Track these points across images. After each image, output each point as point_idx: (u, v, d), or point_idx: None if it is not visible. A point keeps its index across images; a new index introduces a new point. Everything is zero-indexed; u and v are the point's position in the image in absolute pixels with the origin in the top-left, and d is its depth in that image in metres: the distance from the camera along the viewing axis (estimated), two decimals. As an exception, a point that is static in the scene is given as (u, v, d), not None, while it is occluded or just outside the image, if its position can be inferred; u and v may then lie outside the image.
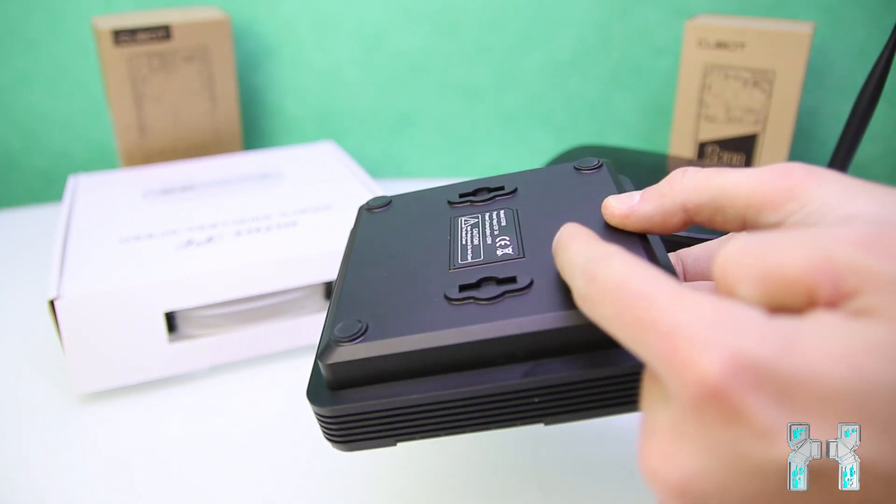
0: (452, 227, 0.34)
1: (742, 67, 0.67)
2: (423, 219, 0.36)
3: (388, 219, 0.37)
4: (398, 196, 0.40)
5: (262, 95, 0.82)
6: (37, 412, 0.47)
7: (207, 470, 0.42)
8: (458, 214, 0.36)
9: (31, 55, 0.75)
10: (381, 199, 0.39)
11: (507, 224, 0.33)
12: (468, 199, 0.37)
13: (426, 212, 0.37)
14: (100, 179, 0.63)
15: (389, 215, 0.38)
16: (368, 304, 0.29)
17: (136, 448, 0.44)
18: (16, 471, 0.42)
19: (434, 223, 0.35)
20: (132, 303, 0.46)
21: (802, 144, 0.75)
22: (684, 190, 0.27)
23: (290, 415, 0.46)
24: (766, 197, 0.24)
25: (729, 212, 0.26)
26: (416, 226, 0.36)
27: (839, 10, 0.72)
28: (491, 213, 0.35)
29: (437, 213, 0.36)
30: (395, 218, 0.37)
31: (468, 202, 0.37)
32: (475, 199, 0.36)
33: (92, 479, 0.42)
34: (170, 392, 0.48)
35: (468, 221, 0.35)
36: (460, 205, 0.37)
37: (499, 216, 0.34)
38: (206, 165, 0.66)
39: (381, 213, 0.38)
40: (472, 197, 0.37)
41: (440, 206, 0.37)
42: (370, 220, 0.38)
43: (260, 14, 0.78)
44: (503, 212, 0.34)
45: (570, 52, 0.80)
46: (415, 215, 0.37)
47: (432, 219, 0.36)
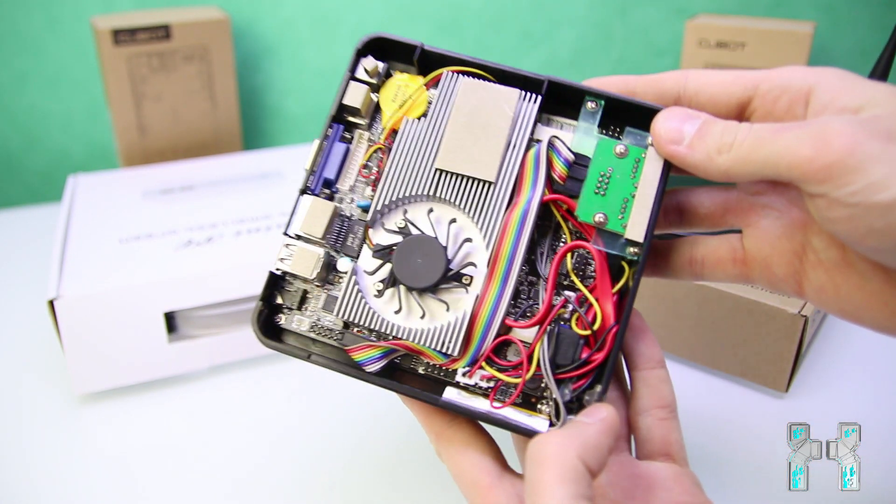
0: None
1: (742, 67, 0.67)
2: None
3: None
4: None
5: (262, 95, 0.81)
6: (37, 412, 0.47)
7: (207, 469, 0.42)
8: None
9: (31, 55, 0.75)
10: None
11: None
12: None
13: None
14: (99, 179, 0.63)
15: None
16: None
17: (136, 448, 0.44)
18: (16, 471, 0.42)
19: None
20: (132, 303, 0.46)
21: (802, 144, 0.75)
22: (734, 160, 0.27)
23: (289, 415, 0.46)
24: (809, 175, 0.25)
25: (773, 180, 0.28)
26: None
27: (839, 10, 0.72)
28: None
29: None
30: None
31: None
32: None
33: (92, 478, 0.42)
34: (170, 392, 0.48)
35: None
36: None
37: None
38: (206, 165, 0.66)
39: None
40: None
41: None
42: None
43: (260, 14, 0.78)
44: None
45: (570, 52, 0.80)
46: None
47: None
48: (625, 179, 0.30)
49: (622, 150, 0.30)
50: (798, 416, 0.38)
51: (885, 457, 0.42)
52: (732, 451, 0.44)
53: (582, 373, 0.29)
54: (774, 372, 0.47)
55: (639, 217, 0.30)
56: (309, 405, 0.47)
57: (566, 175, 0.31)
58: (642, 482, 0.29)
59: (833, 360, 0.51)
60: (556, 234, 0.32)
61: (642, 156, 0.30)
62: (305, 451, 0.43)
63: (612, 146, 0.30)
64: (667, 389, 0.31)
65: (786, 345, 0.46)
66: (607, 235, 0.30)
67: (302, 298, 0.33)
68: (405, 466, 0.42)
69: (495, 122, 0.31)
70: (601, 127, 0.32)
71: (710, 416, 0.47)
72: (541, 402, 0.30)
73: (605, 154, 0.31)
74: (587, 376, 0.29)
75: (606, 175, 0.30)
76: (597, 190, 0.30)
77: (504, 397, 0.30)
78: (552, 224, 0.32)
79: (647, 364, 0.31)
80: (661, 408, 0.31)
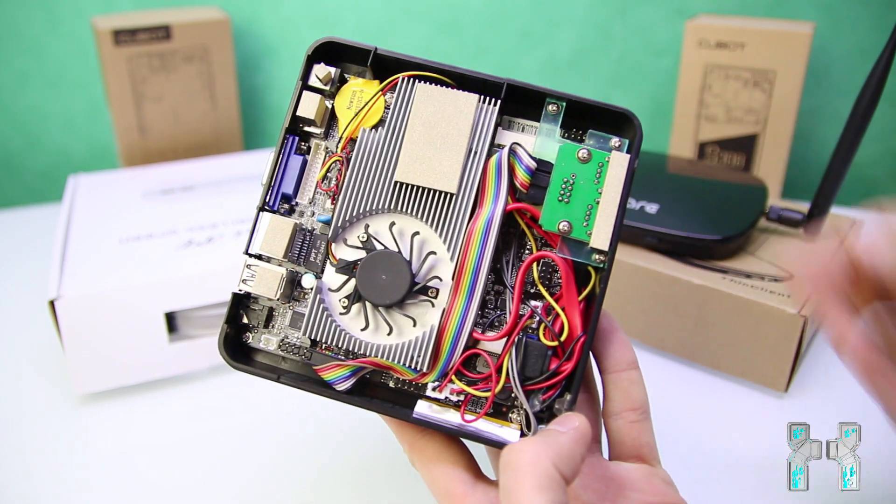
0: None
1: (742, 67, 0.67)
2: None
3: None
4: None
5: (262, 95, 0.82)
6: (37, 412, 0.47)
7: (207, 469, 0.42)
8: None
9: (32, 55, 0.75)
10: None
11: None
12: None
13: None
14: (100, 179, 0.63)
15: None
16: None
17: (136, 448, 0.44)
18: (16, 471, 0.42)
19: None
20: (132, 303, 0.46)
21: (802, 144, 0.75)
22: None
23: (289, 415, 0.46)
24: None
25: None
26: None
27: (839, 10, 0.72)
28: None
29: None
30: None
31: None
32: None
33: (92, 478, 0.42)
34: (170, 392, 0.48)
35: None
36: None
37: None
38: (206, 165, 0.66)
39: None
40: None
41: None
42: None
43: (260, 14, 0.78)
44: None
45: (570, 52, 0.80)
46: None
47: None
48: (588, 185, 0.30)
49: (585, 154, 0.30)
50: (798, 416, 0.38)
51: (885, 457, 0.42)
52: (732, 451, 0.44)
53: (551, 384, 0.29)
54: (774, 372, 0.47)
55: (603, 224, 0.30)
56: (309, 405, 0.47)
57: (529, 183, 0.30)
58: (614, 483, 0.30)
59: (833, 360, 0.51)
60: (522, 242, 0.32)
61: (606, 160, 0.30)
62: (305, 451, 0.44)
63: (575, 151, 0.30)
64: (637, 391, 0.31)
65: (785, 345, 0.46)
66: (572, 243, 0.30)
67: (268, 316, 0.32)
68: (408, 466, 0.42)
69: (454, 130, 0.30)
70: (564, 128, 0.32)
71: (709, 415, 0.47)
72: (511, 411, 0.31)
73: (568, 159, 0.30)
74: (556, 386, 0.29)
75: (570, 182, 0.30)
76: (560, 197, 0.30)
77: (475, 408, 0.31)
78: (517, 231, 0.31)
79: (618, 367, 0.31)
80: (633, 410, 0.31)
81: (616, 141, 0.31)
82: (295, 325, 0.32)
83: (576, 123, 0.32)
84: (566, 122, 0.31)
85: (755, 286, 0.48)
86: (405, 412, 0.30)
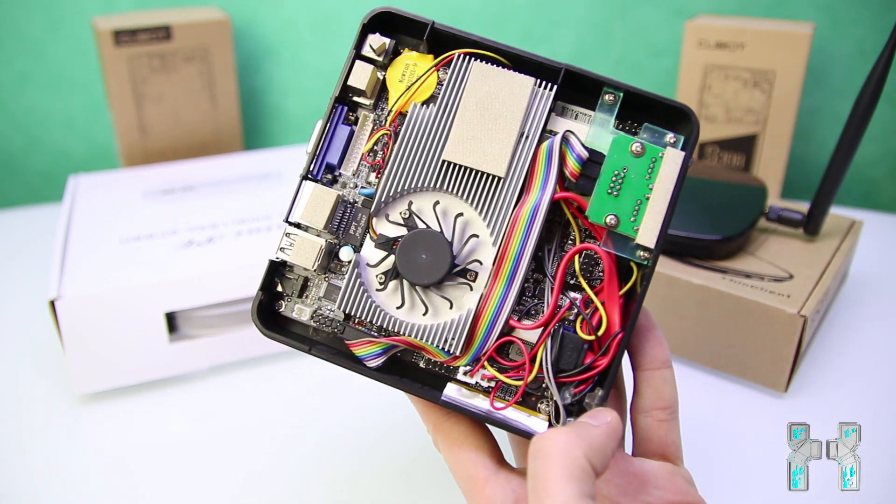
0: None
1: (742, 68, 0.67)
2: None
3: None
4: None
5: (262, 95, 0.82)
6: (37, 412, 0.47)
7: (207, 469, 0.42)
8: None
9: (32, 56, 0.75)
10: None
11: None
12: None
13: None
14: (100, 179, 0.63)
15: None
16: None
17: (137, 448, 0.44)
18: (16, 470, 0.42)
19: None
20: (133, 303, 0.46)
21: (802, 145, 0.75)
22: None
23: (289, 414, 0.46)
24: None
25: None
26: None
27: (839, 10, 0.72)
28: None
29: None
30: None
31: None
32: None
33: (92, 478, 0.42)
34: (170, 392, 0.48)
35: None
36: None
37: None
38: (207, 165, 0.66)
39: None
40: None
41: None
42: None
43: (260, 14, 0.78)
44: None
45: (570, 52, 0.80)
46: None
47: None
48: (639, 180, 0.29)
49: (638, 148, 0.29)
50: (798, 416, 0.38)
51: (885, 457, 0.42)
52: (732, 451, 0.44)
53: (584, 377, 0.29)
54: (774, 372, 0.47)
55: (651, 222, 0.29)
56: (310, 405, 0.47)
57: (579, 173, 0.30)
58: (636, 479, 0.30)
59: (832, 360, 0.51)
60: (566, 232, 0.31)
61: (659, 155, 0.29)
62: (306, 450, 0.44)
63: (629, 144, 0.29)
64: (669, 391, 0.31)
65: (785, 345, 0.46)
66: (618, 238, 0.29)
67: (303, 286, 0.32)
68: (409, 466, 0.42)
69: (507, 113, 0.30)
70: (619, 119, 0.31)
71: (709, 415, 0.47)
72: (541, 401, 0.30)
73: (621, 152, 0.29)
74: (589, 381, 0.29)
75: (620, 175, 0.29)
76: (610, 190, 0.29)
77: (505, 395, 0.30)
78: (562, 220, 0.31)
79: (652, 364, 0.31)
80: (662, 409, 0.31)
81: (671, 137, 0.30)
82: (329, 297, 0.32)
83: (631, 115, 0.31)
84: (621, 114, 0.31)
85: (755, 286, 0.48)
86: (434, 394, 0.30)
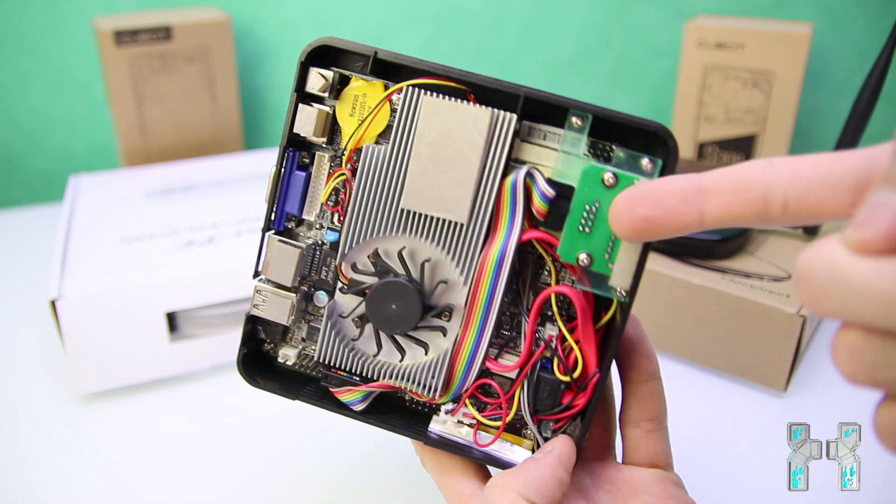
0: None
1: (741, 68, 0.67)
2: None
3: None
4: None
5: (262, 96, 0.82)
6: (38, 412, 0.47)
7: (207, 469, 0.42)
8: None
9: (33, 56, 0.75)
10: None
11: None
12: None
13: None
14: (101, 180, 0.63)
15: None
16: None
17: (137, 448, 0.44)
18: (16, 470, 0.42)
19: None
20: (133, 303, 0.46)
21: (802, 145, 0.75)
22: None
23: (289, 415, 0.46)
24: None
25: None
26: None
27: (838, 10, 0.72)
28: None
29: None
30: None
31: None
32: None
33: (92, 478, 0.42)
34: (171, 392, 0.48)
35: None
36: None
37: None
38: (207, 165, 0.66)
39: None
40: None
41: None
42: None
43: (260, 15, 0.78)
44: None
45: (570, 53, 0.80)
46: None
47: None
48: None
49: (611, 179, 0.26)
50: (797, 416, 0.38)
51: (885, 457, 0.42)
52: (732, 451, 0.44)
53: (563, 416, 0.30)
54: (773, 371, 0.47)
55: (626, 261, 0.27)
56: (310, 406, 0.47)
57: (546, 212, 0.28)
58: (626, 487, 0.30)
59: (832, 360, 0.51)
60: (541, 262, 0.30)
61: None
62: (306, 451, 0.44)
63: (600, 174, 0.27)
64: (657, 403, 0.31)
65: (784, 344, 0.46)
66: (593, 275, 0.27)
67: (284, 332, 0.32)
68: (407, 466, 0.42)
69: (465, 151, 0.27)
70: (592, 136, 0.28)
71: (709, 415, 0.47)
72: (525, 426, 0.31)
73: (592, 184, 0.27)
74: (568, 418, 0.30)
75: (592, 209, 0.27)
76: (581, 227, 0.27)
77: (489, 429, 0.31)
78: (536, 253, 0.29)
79: (640, 378, 0.31)
80: (650, 420, 0.31)
81: (647, 162, 0.27)
82: (311, 339, 0.32)
83: (605, 134, 0.28)
84: (595, 131, 0.28)
85: (754, 286, 0.48)
86: (422, 431, 0.31)
